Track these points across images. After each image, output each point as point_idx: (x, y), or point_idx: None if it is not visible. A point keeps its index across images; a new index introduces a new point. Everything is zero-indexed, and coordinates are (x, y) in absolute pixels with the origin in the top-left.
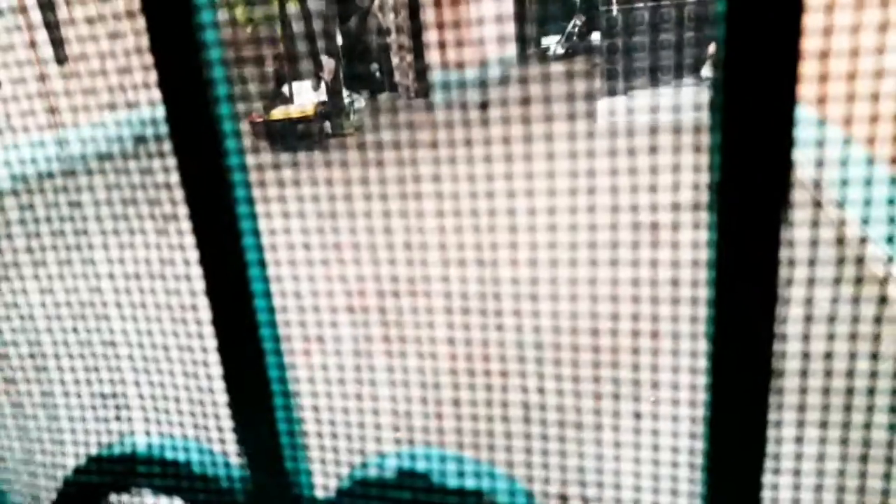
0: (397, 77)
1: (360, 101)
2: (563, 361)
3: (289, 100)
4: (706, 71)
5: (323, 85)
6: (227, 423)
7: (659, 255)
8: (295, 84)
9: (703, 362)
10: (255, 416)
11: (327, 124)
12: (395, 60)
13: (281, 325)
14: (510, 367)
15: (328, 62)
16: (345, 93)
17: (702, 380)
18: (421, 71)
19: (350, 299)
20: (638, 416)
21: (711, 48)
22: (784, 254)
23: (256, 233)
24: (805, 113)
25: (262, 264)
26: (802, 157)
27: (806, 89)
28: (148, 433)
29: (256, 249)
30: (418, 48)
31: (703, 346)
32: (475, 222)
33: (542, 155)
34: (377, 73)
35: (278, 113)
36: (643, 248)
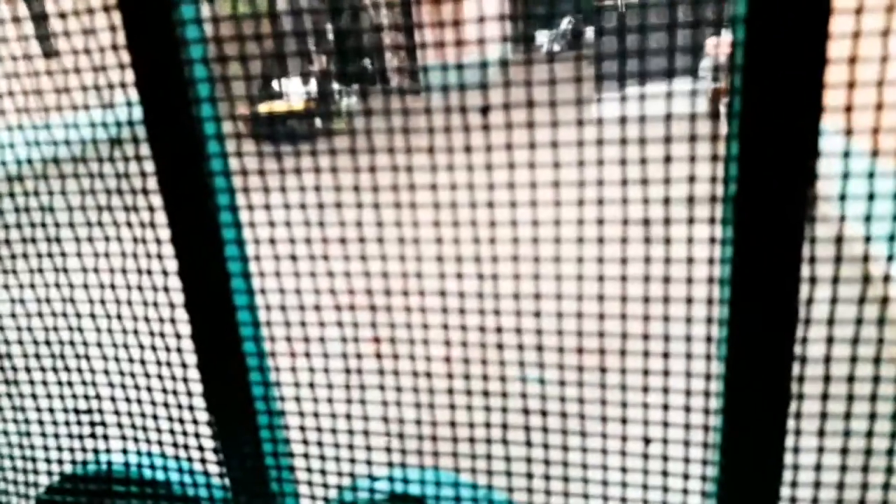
0: (389, 75)
1: (351, 98)
2: (568, 382)
3: (279, 95)
4: (704, 67)
5: (313, 81)
6: (210, 441)
7: (671, 271)
8: (284, 80)
9: (716, 385)
10: (239, 435)
11: (317, 121)
12: (387, 58)
13: (266, 340)
14: (510, 389)
15: (319, 58)
16: (335, 88)
17: (714, 403)
18: (413, 69)
19: (340, 314)
20: (647, 441)
21: (708, 46)
22: (804, 271)
23: (240, 242)
24: (833, 143)
25: (246, 276)
26: (828, 189)
27: (834, 117)
28: (125, 451)
29: (240, 260)
30: (411, 46)
31: (716, 368)
32: (474, 233)
33: (538, 161)
34: (368, 71)
35: (268, 108)
36: (654, 264)
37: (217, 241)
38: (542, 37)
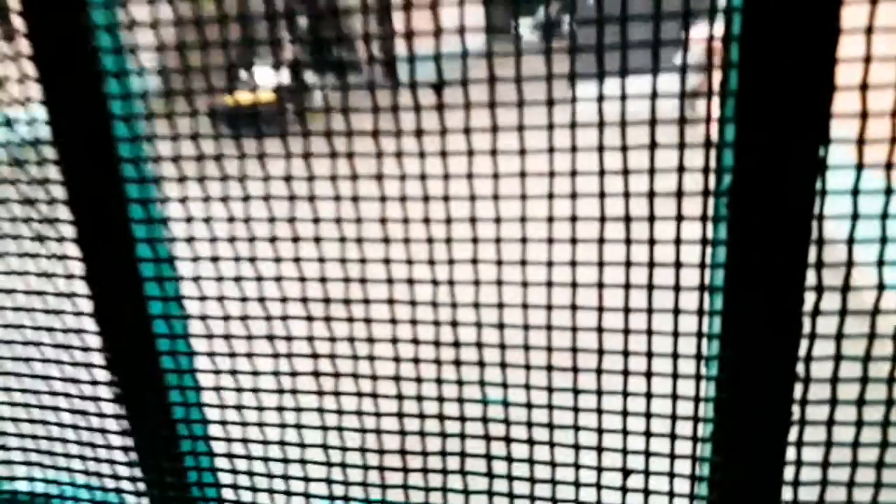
0: (362, 63)
1: (324, 87)
2: (536, 405)
3: (248, 84)
4: (679, 58)
5: (285, 68)
6: (127, 468)
7: (655, 278)
8: (255, 67)
9: (705, 410)
10: (160, 460)
11: (289, 110)
12: (360, 44)
13: (188, 356)
14: (469, 412)
15: (291, 45)
16: (308, 77)
17: (704, 430)
18: (388, 56)
19: (272, 324)
20: (627, 473)
21: (690, 33)
22: (811, 278)
23: (157, 250)
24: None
25: (162, 279)
26: (836, 231)
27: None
28: (31, 478)
29: (155, 263)
30: (385, 32)
31: (706, 389)
32: (427, 232)
33: (514, 155)
34: (342, 58)
35: (237, 98)
36: (635, 269)
37: (128, 242)
38: (522, 26)
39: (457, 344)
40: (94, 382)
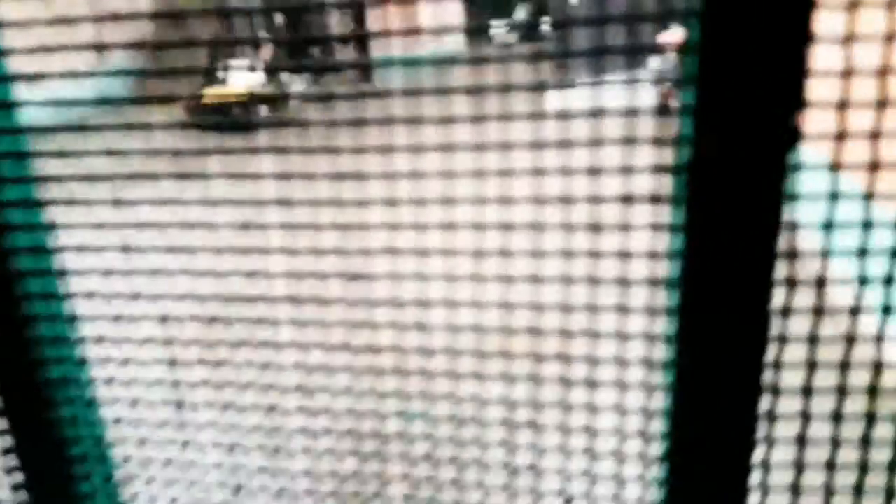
0: (338, 61)
1: (300, 85)
2: (463, 420)
3: (223, 81)
4: (655, 63)
5: (260, 66)
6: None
7: (600, 269)
8: (230, 63)
9: (658, 425)
10: (46, 474)
11: (263, 109)
12: (336, 44)
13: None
14: (387, 428)
15: (267, 43)
16: (283, 76)
17: (655, 449)
18: (362, 56)
19: (165, 325)
20: (568, 501)
21: (661, 37)
22: (780, 271)
23: (34, 239)
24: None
25: (42, 273)
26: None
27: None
28: None
29: (34, 260)
30: (360, 32)
31: (658, 401)
32: (339, 215)
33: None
34: (318, 56)
35: (211, 95)
36: (576, 260)
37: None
38: (498, 28)
39: (374, 349)
40: None
